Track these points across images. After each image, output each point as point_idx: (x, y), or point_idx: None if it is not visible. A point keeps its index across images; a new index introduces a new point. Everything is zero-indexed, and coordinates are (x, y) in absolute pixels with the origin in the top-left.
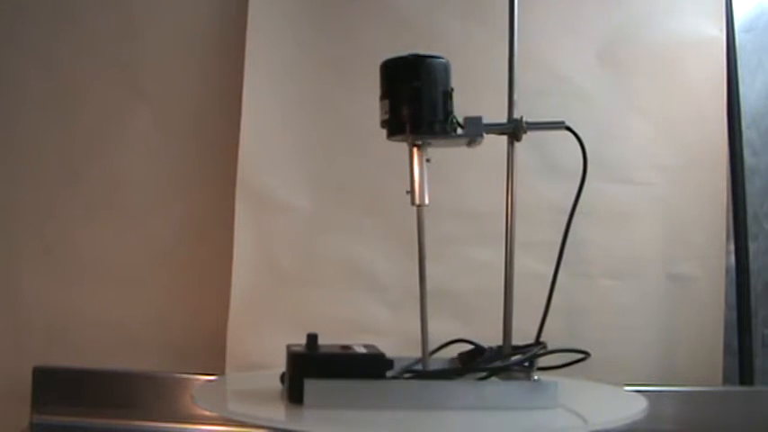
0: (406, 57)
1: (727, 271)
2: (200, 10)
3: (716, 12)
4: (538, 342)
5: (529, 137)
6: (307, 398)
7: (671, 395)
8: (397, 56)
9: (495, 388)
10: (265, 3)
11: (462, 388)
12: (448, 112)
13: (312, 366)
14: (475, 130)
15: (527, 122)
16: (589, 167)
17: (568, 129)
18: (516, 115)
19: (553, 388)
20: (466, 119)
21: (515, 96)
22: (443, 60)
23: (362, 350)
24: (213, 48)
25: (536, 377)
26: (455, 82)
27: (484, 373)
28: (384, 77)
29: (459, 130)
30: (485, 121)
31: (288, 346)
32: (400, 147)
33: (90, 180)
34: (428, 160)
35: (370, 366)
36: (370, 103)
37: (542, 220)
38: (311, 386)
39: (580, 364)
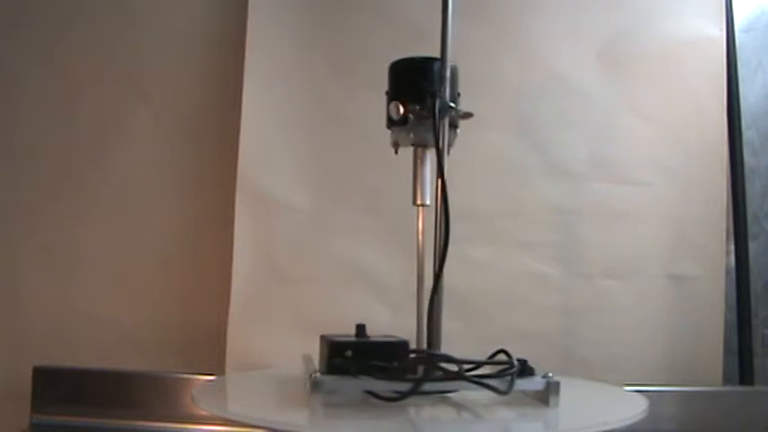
0: None
1: (728, 271)
2: (201, 10)
3: (716, 12)
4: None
5: (530, 136)
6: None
7: (671, 395)
8: None
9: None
10: (265, 3)
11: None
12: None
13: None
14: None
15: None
16: (589, 167)
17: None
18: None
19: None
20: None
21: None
22: (407, 61)
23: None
24: (213, 48)
25: (317, 375)
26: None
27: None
28: None
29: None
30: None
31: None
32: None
33: (89, 179)
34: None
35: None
36: (370, 103)
37: (542, 220)
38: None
39: (579, 364)
